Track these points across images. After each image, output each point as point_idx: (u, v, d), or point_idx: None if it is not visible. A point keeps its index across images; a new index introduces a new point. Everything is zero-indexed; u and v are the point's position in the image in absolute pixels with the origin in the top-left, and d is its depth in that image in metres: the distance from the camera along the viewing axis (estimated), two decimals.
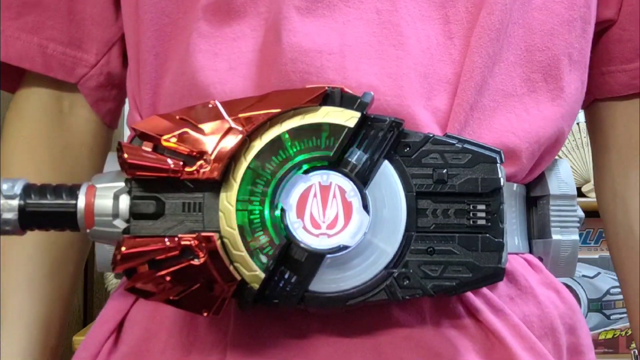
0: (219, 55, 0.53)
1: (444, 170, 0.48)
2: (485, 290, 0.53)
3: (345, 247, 0.46)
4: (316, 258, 0.46)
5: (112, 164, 0.59)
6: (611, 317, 1.61)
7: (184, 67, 0.53)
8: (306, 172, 0.46)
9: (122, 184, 0.48)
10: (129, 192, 0.47)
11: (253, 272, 0.45)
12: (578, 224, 0.58)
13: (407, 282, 0.47)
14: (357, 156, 0.46)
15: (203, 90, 0.52)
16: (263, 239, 0.45)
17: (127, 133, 0.55)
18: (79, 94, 0.69)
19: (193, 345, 0.53)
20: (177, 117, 0.46)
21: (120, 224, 0.47)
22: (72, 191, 0.48)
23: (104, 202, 0.47)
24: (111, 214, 0.47)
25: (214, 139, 0.45)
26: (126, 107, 0.63)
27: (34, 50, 0.66)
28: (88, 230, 0.48)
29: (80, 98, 0.69)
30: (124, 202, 0.47)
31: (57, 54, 0.66)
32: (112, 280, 1.51)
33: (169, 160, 0.45)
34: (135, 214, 0.46)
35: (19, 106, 0.69)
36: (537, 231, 0.59)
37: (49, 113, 0.69)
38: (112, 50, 0.68)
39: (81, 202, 0.48)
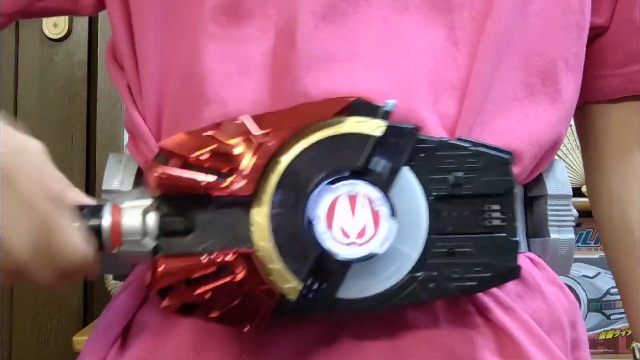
0: (228, 57, 0.52)
1: (460, 174, 0.49)
2: (494, 289, 0.54)
3: (374, 255, 0.47)
4: (344, 266, 0.46)
5: (113, 165, 0.59)
6: (611, 317, 1.60)
7: (192, 69, 0.53)
8: (333, 182, 0.46)
9: (149, 202, 0.47)
10: (157, 209, 0.47)
11: (289, 284, 0.45)
12: (574, 223, 0.60)
13: (432, 284, 0.48)
14: (381, 164, 0.47)
15: (212, 93, 0.52)
16: (296, 251, 0.46)
17: (125, 133, 0.54)
18: None
19: (206, 348, 0.53)
20: (205, 134, 0.46)
21: (149, 243, 0.47)
22: (95, 211, 0.48)
23: (132, 221, 0.47)
24: (140, 232, 0.47)
25: (244, 154, 0.45)
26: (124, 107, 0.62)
27: None
28: (114, 251, 0.48)
29: None
30: (152, 220, 0.47)
31: None
32: (112, 281, 1.49)
33: (201, 177, 0.45)
34: (165, 232, 0.46)
35: None
36: (534, 230, 0.60)
37: None
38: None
39: (106, 222, 0.47)
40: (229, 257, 0.44)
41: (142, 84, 0.57)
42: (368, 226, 0.46)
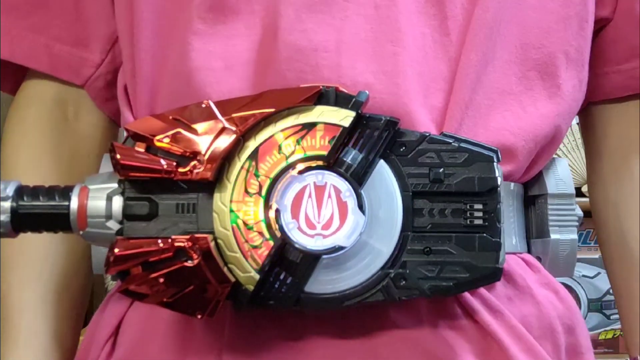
0: (214, 54, 0.52)
1: (441, 170, 0.47)
2: (482, 290, 0.52)
3: (341, 248, 0.45)
4: (311, 259, 0.45)
5: (107, 165, 0.59)
6: (611, 317, 1.60)
7: (180, 67, 0.53)
8: (301, 172, 0.45)
9: (115, 185, 0.47)
10: (122, 194, 0.46)
11: (247, 273, 0.44)
12: (577, 223, 0.58)
13: (404, 282, 0.47)
14: (352, 156, 0.46)
15: (199, 90, 0.51)
16: (257, 240, 0.45)
17: (123, 134, 0.55)
18: (83, 99, 0.67)
19: (189, 348, 0.52)
20: (170, 117, 0.45)
21: (114, 226, 0.47)
22: (65, 192, 0.48)
23: (97, 203, 0.47)
24: (104, 215, 0.47)
25: (208, 139, 0.44)
26: None
27: (41, 50, 0.65)
28: (81, 232, 0.48)
29: (84, 104, 0.67)
30: (117, 203, 0.47)
31: (64, 53, 0.65)
32: (112, 281, 1.51)
33: (162, 161, 0.44)
34: (128, 216, 0.46)
35: (20, 113, 0.68)
36: (535, 231, 0.58)
37: (54, 120, 0.67)
38: (116, 46, 0.66)
39: (74, 204, 0.47)
40: (184, 242, 0.43)
41: (137, 83, 0.57)
42: (335, 218, 0.45)
